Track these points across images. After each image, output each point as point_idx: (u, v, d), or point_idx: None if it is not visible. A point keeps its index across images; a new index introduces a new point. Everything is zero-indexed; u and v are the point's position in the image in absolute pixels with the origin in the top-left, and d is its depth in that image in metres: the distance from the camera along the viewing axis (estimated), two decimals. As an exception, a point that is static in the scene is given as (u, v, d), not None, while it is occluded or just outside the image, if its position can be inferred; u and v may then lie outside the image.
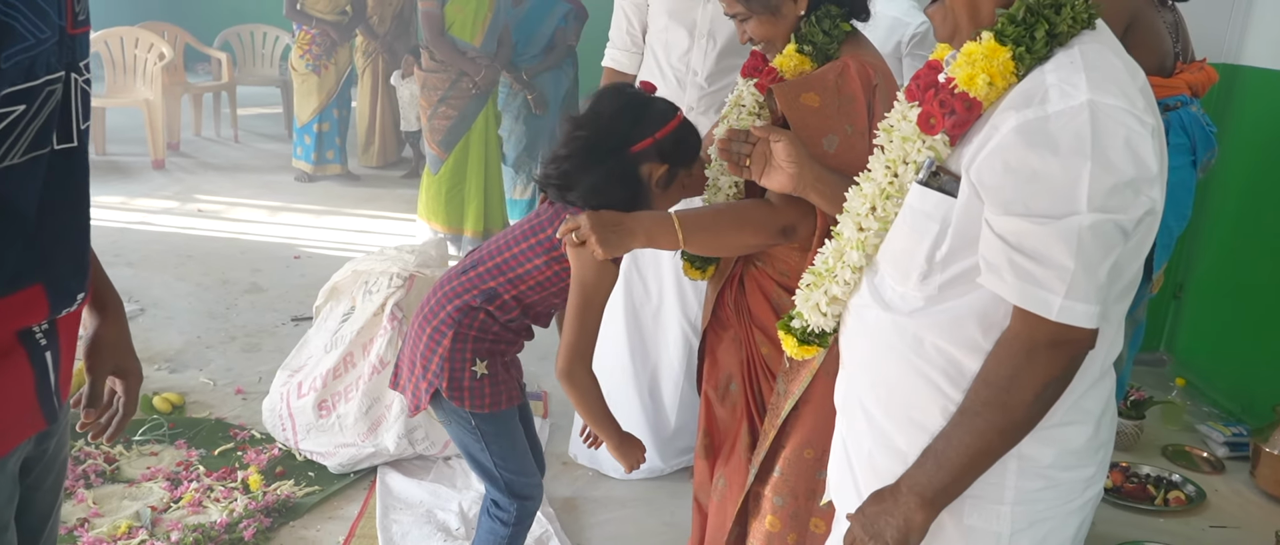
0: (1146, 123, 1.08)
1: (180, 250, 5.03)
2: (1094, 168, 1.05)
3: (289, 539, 2.55)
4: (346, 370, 2.93)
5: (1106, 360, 1.24)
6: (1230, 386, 3.67)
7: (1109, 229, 1.07)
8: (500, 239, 1.86)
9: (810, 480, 1.77)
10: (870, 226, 1.30)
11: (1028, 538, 1.24)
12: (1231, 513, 2.98)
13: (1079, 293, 1.08)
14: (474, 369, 1.82)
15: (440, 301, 1.85)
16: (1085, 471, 1.26)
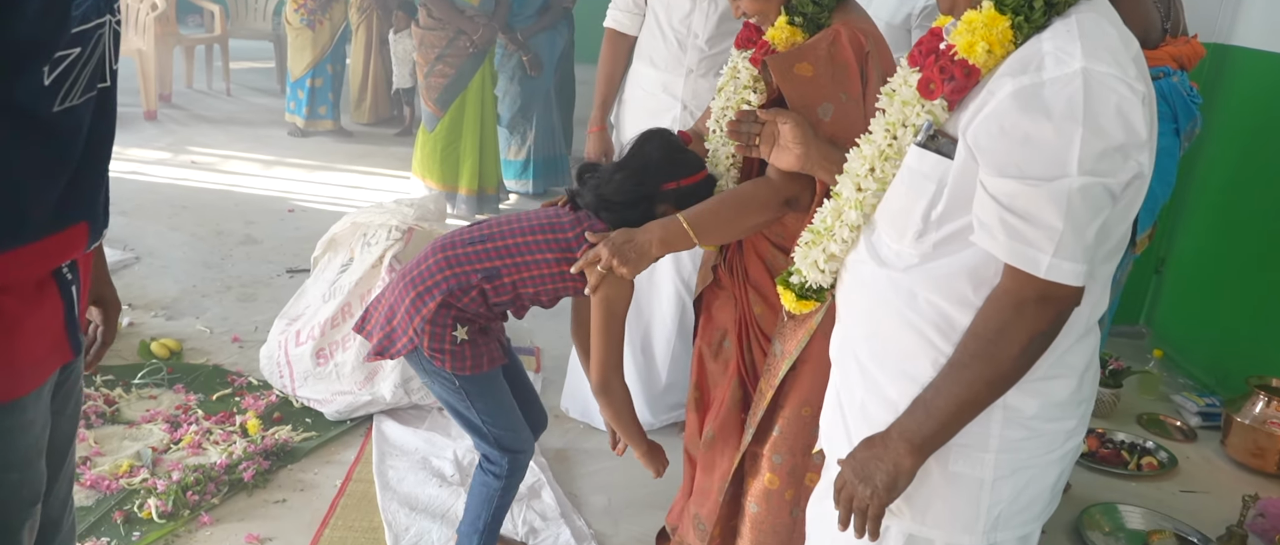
0: (1137, 90, 1.13)
1: (174, 201, 5.04)
2: (1085, 133, 1.10)
3: (287, 481, 2.61)
4: (344, 320, 2.98)
5: (1091, 318, 1.30)
6: (1206, 359, 3.77)
7: (1098, 192, 1.12)
8: (514, 223, 1.87)
9: (809, 437, 1.82)
10: (868, 187, 1.35)
11: (1010, 485, 1.30)
12: (1201, 478, 3.09)
13: (1067, 252, 1.13)
14: (454, 334, 1.85)
15: (437, 265, 1.85)
16: (1067, 424, 1.32)
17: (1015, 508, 1.32)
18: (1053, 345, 1.23)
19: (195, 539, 2.33)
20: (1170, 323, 4.03)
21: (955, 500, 1.31)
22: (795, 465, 1.85)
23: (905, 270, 1.29)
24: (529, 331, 3.79)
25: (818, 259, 1.43)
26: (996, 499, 1.30)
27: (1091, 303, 1.26)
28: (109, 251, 4.09)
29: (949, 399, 1.22)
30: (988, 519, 1.30)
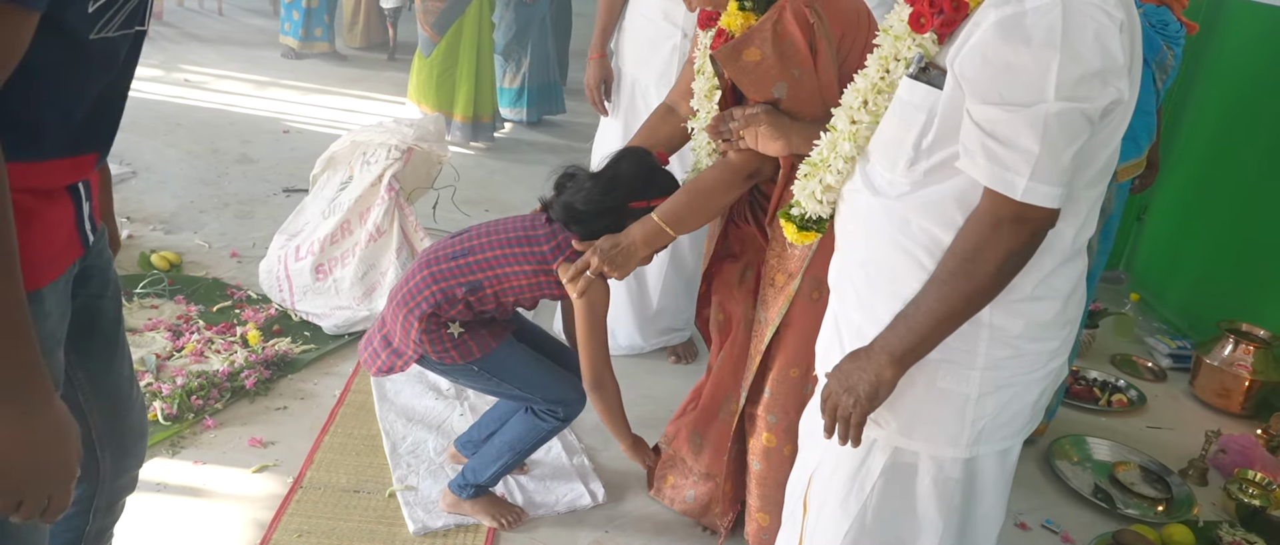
0: (1115, 17, 1.16)
1: (169, 118, 5.03)
2: (1063, 59, 1.14)
3: (288, 390, 2.69)
4: (344, 237, 3.03)
5: (1077, 241, 1.34)
6: (1180, 304, 3.88)
7: (1074, 116, 1.17)
8: (493, 234, 1.98)
9: (799, 396, 1.91)
10: (862, 119, 1.40)
11: (993, 401, 1.37)
12: (1168, 416, 3.21)
13: (1043, 175, 1.19)
14: (449, 332, 1.97)
15: (423, 282, 1.96)
16: (1050, 344, 1.38)
17: (997, 423, 1.39)
18: (1038, 267, 1.29)
19: (200, 440, 2.41)
20: (1148, 268, 4.13)
21: (941, 415, 1.38)
22: (790, 423, 1.93)
23: (898, 198, 1.34)
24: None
25: (815, 190, 1.48)
26: (980, 414, 1.36)
27: (1075, 226, 1.31)
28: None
29: (928, 314, 1.29)
30: (971, 433, 1.38)
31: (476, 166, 4.93)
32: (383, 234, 3.01)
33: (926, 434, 1.40)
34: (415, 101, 5.17)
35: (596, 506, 2.35)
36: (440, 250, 2.01)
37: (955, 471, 1.42)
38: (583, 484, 2.40)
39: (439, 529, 2.18)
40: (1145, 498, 2.68)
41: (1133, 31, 1.21)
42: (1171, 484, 2.74)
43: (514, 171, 4.95)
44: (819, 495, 1.51)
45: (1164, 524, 2.51)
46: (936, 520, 1.44)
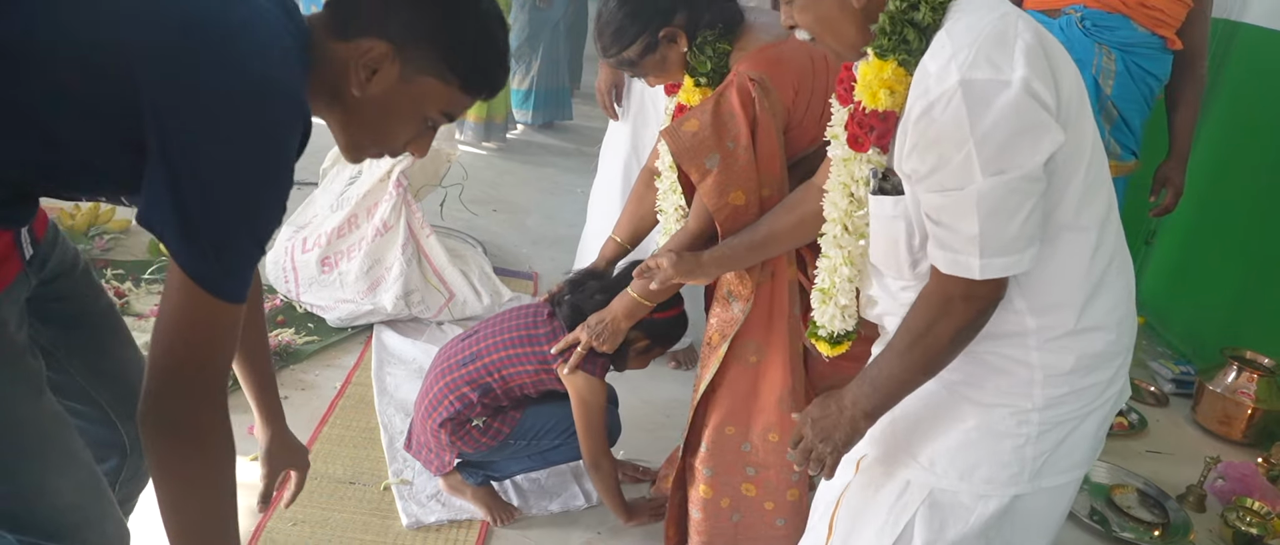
0: (1012, 83, 1.13)
1: (184, 108, 5.07)
2: (975, 142, 1.14)
3: (289, 380, 2.71)
4: (350, 230, 3.06)
5: (1095, 267, 1.30)
6: (1184, 329, 3.87)
7: (1010, 187, 1.16)
8: (497, 334, 2.12)
9: (736, 452, 1.96)
10: (847, 243, 1.44)
11: (1052, 437, 1.33)
12: (1168, 441, 3.20)
13: (993, 249, 1.19)
14: (475, 425, 2.12)
15: (441, 393, 2.11)
16: (1104, 373, 1.33)
17: (1057, 457, 1.36)
18: (1069, 302, 1.27)
19: (199, 426, 2.43)
20: (1154, 291, 4.12)
21: (996, 456, 1.34)
22: (727, 478, 1.98)
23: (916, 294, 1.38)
24: (527, 257, 3.88)
25: (834, 314, 1.52)
26: (1039, 451, 1.34)
27: (1086, 253, 1.28)
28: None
29: (889, 379, 1.32)
30: (1030, 470, 1.35)
31: (487, 166, 4.95)
32: (389, 229, 3.04)
33: (979, 476, 1.36)
34: (429, 100, 5.19)
35: (590, 507, 2.36)
36: (452, 357, 2.14)
37: (1001, 507, 1.38)
38: (577, 485, 2.41)
39: (432, 524, 2.19)
40: (1142, 522, 2.67)
41: (1049, 58, 1.19)
42: (1169, 509, 2.73)
43: (523, 173, 4.97)
44: (847, 520, 1.48)
45: (1159, 549, 2.50)
46: None
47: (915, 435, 1.39)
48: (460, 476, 2.22)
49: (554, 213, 4.41)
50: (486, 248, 3.74)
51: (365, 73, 1.10)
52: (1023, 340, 1.31)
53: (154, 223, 0.96)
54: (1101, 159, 1.29)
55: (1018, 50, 1.15)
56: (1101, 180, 1.29)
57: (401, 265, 3.02)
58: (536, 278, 3.65)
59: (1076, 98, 1.22)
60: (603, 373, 2.06)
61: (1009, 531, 1.40)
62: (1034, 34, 1.18)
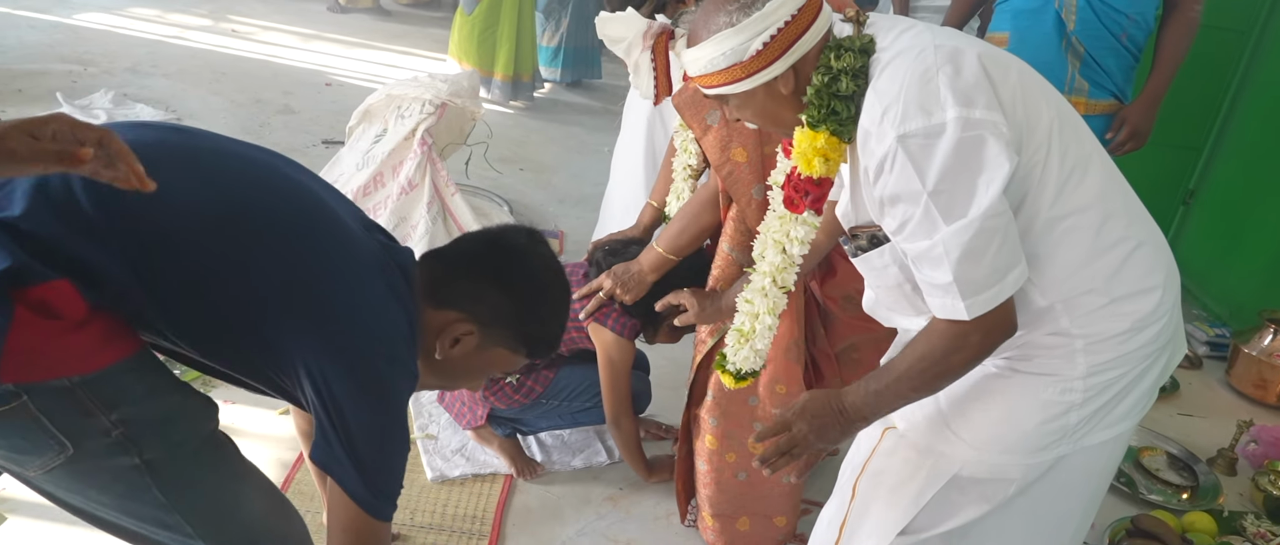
0: (947, 125, 1.14)
1: (214, 67, 5.11)
2: (930, 195, 1.15)
3: (317, 336, 2.75)
4: (376, 189, 3.07)
5: (1122, 237, 1.26)
6: (1221, 291, 3.79)
7: (974, 229, 1.15)
8: None
9: (742, 405, 1.96)
10: (774, 294, 1.51)
11: (1098, 401, 1.30)
12: (1200, 404, 3.15)
13: (972, 289, 1.18)
14: (508, 382, 2.17)
15: None
16: (1149, 333, 1.28)
17: (1103, 415, 1.33)
18: (1094, 270, 1.24)
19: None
20: (1192, 253, 4.03)
21: (1043, 426, 1.31)
22: (731, 430, 1.98)
23: None
24: (553, 216, 3.88)
25: (749, 356, 1.58)
26: (1084, 416, 1.31)
27: (1090, 231, 1.25)
28: (150, 112, 4.18)
29: (896, 396, 1.31)
30: (1076, 434, 1.32)
31: (514, 125, 4.95)
32: (415, 187, 3.05)
33: (1019, 446, 1.33)
34: (456, 58, 5.18)
35: (612, 464, 2.38)
36: None
37: (1041, 472, 1.36)
38: (599, 442, 2.43)
39: (455, 477, 2.23)
40: (1170, 484, 2.65)
41: (984, 67, 1.18)
42: (1198, 472, 2.70)
43: (550, 131, 4.96)
44: (870, 487, 1.48)
45: (1187, 511, 2.47)
46: (1004, 522, 1.40)
47: (951, 407, 1.38)
48: (489, 427, 2.26)
49: (580, 172, 4.40)
50: (512, 206, 3.75)
51: (449, 342, 1.30)
52: (1055, 321, 1.28)
53: (325, 464, 1.22)
54: (1076, 137, 1.26)
55: (943, 85, 1.15)
56: (1083, 156, 1.26)
57: (427, 223, 3.03)
58: (562, 236, 3.66)
59: (1020, 95, 1.21)
60: (631, 335, 2.07)
61: (1053, 490, 1.38)
62: (955, 54, 1.18)
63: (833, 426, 1.34)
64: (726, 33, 1.26)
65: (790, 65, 1.27)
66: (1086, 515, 1.47)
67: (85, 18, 5.68)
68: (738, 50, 1.25)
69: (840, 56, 1.24)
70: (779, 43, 1.25)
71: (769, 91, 1.29)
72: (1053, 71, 2.66)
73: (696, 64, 1.30)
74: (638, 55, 2.09)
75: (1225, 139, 3.89)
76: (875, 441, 1.49)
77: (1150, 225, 1.33)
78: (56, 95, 4.17)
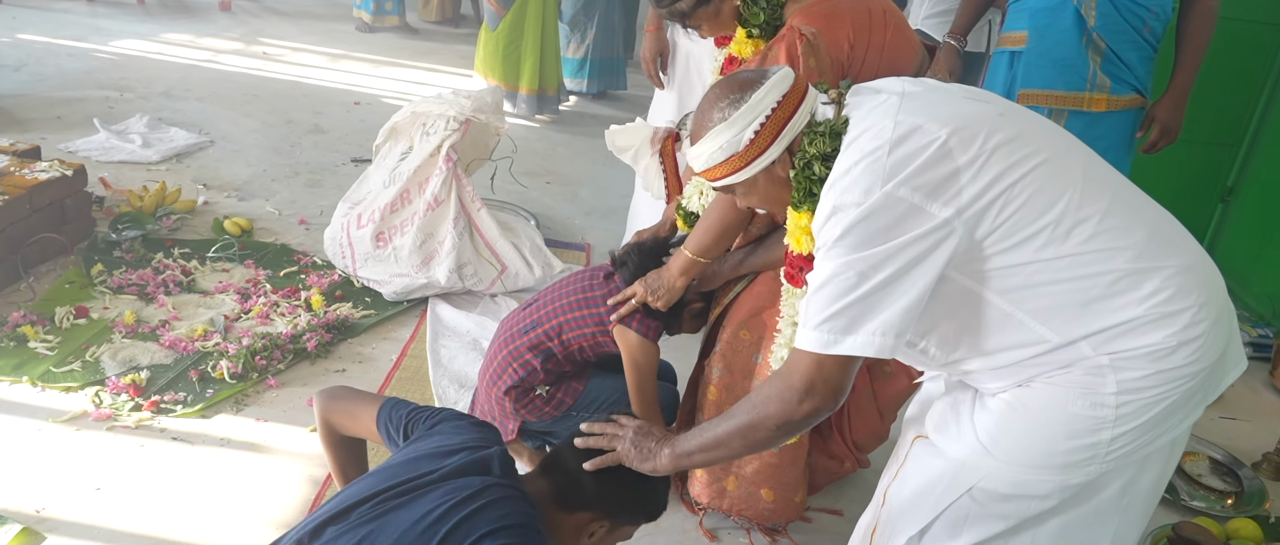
0: (873, 202, 1.20)
1: (246, 89, 5.20)
2: (838, 241, 1.23)
3: (347, 353, 2.78)
4: (403, 205, 3.10)
5: (1137, 257, 1.23)
6: (1264, 290, 3.70)
7: (862, 266, 1.22)
8: (555, 300, 2.16)
9: (746, 359, 2.00)
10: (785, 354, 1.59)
11: (1135, 420, 1.25)
12: (1242, 407, 3.08)
13: (820, 321, 1.26)
14: (538, 394, 2.16)
15: (505, 361, 2.16)
16: (1186, 351, 1.24)
17: (1143, 432, 1.28)
18: (1121, 304, 1.22)
19: (262, 399, 2.51)
20: (1232, 252, 3.94)
21: (1073, 441, 1.28)
22: (733, 382, 2.01)
23: (964, 376, 1.40)
24: (580, 229, 3.89)
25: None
26: (1119, 434, 1.27)
27: (1098, 258, 1.22)
28: (184, 135, 4.25)
29: (714, 443, 1.43)
30: (1115, 451, 1.28)
31: (540, 139, 4.97)
32: (441, 203, 3.07)
33: (1048, 462, 1.30)
34: (481, 74, 5.23)
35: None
36: (514, 326, 2.19)
37: (1076, 488, 1.32)
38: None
39: (485, 492, 2.23)
40: (1213, 490, 2.58)
41: (944, 151, 1.21)
42: (1243, 477, 2.63)
43: (576, 145, 4.98)
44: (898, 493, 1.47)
45: (1231, 518, 2.41)
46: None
47: (981, 418, 1.35)
48: (520, 441, 2.26)
49: (607, 184, 4.40)
50: (539, 220, 3.76)
51: (587, 536, 1.47)
52: (1076, 349, 1.25)
53: None
54: (1076, 163, 1.25)
55: (881, 165, 1.21)
56: (1087, 180, 1.24)
57: (453, 239, 3.05)
58: (589, 249, 3.66)
59: (1003, 154, 1.22)
60: (656, 335, 2.07)
61: (1087, 516, 1.34)
62: (909, 134, 1.22)
63: (650, 454, 1.47)
64: (720, 128, 1.36)
65: (784, 149, 1.36)
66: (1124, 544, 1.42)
67: (120, 45, 5.82)
68: (732, 142, 1.35)
69: (813, 141, 1.33)
70: (769, 130, 1.34)
71: (769, 177, 1.39)
72: (1073, 68, 2.63)
73: (698, 160, 1.41)
74: (646, 161, 2.19)
75: (1264, 135, 3.80)
76: (907, 449, 1.48)
77: (1181, 247, 1.29)
78: (94, 121, 4.26)
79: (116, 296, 2.88)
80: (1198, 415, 1.36)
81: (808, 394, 1.29)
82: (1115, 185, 1.29)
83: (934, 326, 1.32)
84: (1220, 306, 1.29)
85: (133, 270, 3.01)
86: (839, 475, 2.24)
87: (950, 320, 1.31)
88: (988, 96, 1.37)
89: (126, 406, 2.38)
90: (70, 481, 2.12)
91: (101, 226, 3.28)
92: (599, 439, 1.50)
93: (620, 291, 2.08)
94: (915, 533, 1.40)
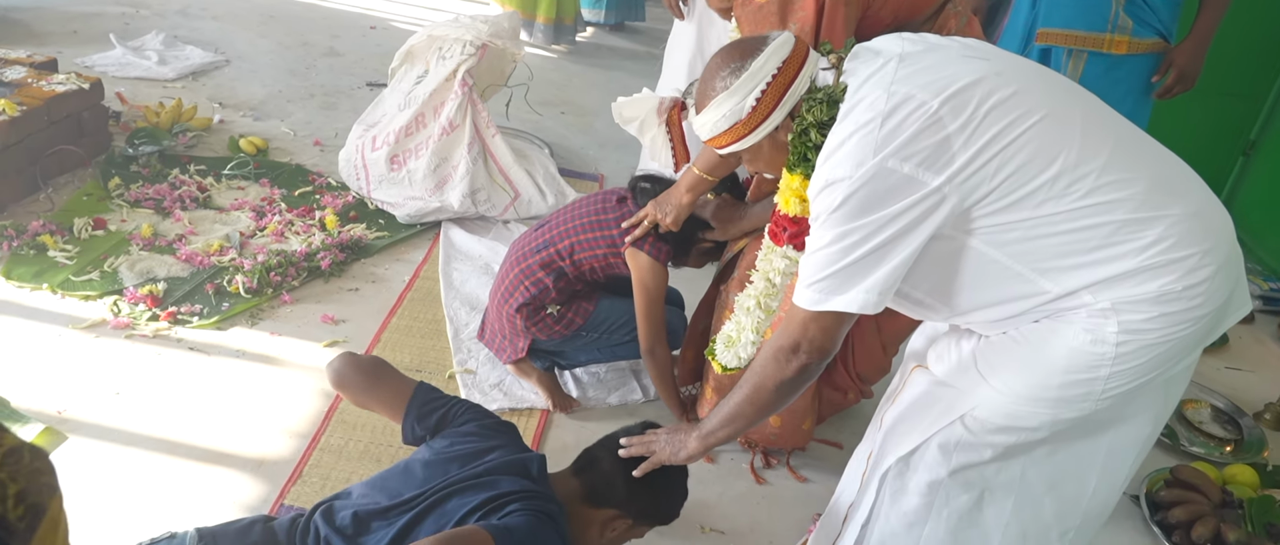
0: (864, 174, 1.22)
1: (262, 10, 5.16)
2: (834, 213, 1.24)
3: (360, 273, 2.81)
4: (418, 129, 3.10)
5: (1138, 208, 1.22)
6: (1278, 245, 3.68)
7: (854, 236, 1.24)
8: (568, 221, 2.19)
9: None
10: (758, 317, 1.68)
11: (1135, 360, 1.26)
12: (1249, 358, 3.09)
13: (816, 280, 1.30)
14: (549, 313, 2.20)
15: (517, 279, 2.19)
16: (1189, 298, 1.23)
17: (1141, 373, 1.28)
18: (1135, 249, 1.21)
19: (277, 314, 2.55)
20: (1249, 205, 3.91)
21: (1073, 374, 1.28)
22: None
23: (963, 323, 1.41)
24: (593, 159, 3.89)
25: (734, 357, 1.74)
26: (1117, 372, 1.27)
27: (1100, 207, 1.21)
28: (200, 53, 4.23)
29: (733, 414, 1.50)
30: (1110, 390, 1.28)
31: (556, 69, 4.93)
32: (455, 128, 3.07)
33: (1043, 396, 1.30)
34: (498, 1, 5.16)
35: (646, 402, 2.41)
36: (526, 245, 2.22)
37: (1061, 429, 1.33)
38: (635, 380, 2.46)
39: (494, 410, 2.27)
40: (1213, 437, 2.61)
41: (936, 120, 1.21)
42: (1243, 426, 2.65)
43: (591, 76, 4.94)
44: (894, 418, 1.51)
45: (1229, 464, 2.44)
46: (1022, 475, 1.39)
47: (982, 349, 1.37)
48: (529, 361, 2.30)
49: (622, 116, 4.38)
50: (553, 149, 3.76)
51: (611, 534, 1.60)
52: (1077, 297, 1.25)
53: None
54: (1075, 116, 1.24)
55: (873, 137, 1.22)
56: (1086, 133, 1.23)
57: (467, 164, 3.06)
58: (602, 179, 3.66)
59: (998, 115, 1.22)
60: (665, 259, 2.10)
61: (1078, 456, 1.37)
62: (902, 103, 1.22)
63: (682, 445, 1.58)
64: (722, 97, 1.39)
65: (786, 114, 1.39)
66: (1112, 488, 1.43)
67: (137, -40, 5.75)
68: (735, 110, 1.39)
69: (811, 109, 1.35)
70: (770, 96, 1.37)
71: (773, 142, 1.43)
72: (1095, 8, 2.58)
73: (704, 128, 1.44)
74: (654, 131, 2.19)
75: (1290, 88, 3.74)
76: (906, 376, 1.52)
77: (1185, 194, 1.27)
78: (110, 36, 4.25)
79: (133, 210, 2.91)
80: (1196, 357, 1.36)
81: (795, 352, 1.36)
82: (1117, 135, 1.27)
83: (926, 278, 1.33)
84: (1227, 252, 1.28)
85: (149, 185, 3.04)
86: (842, 406, 2.27)
87: (945, 274, 1.32)
88: (986, 52, 1.34)
89: (144, 316, 2.43)
90: (90, 385, 2.17)
91: (118, 141, 3.29)
92: (638, 448, 1.60)
93: (633, 215, 2.10)
94: (906, 452, 1.44)
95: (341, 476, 2.01)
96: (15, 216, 2.78)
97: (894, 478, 1.48)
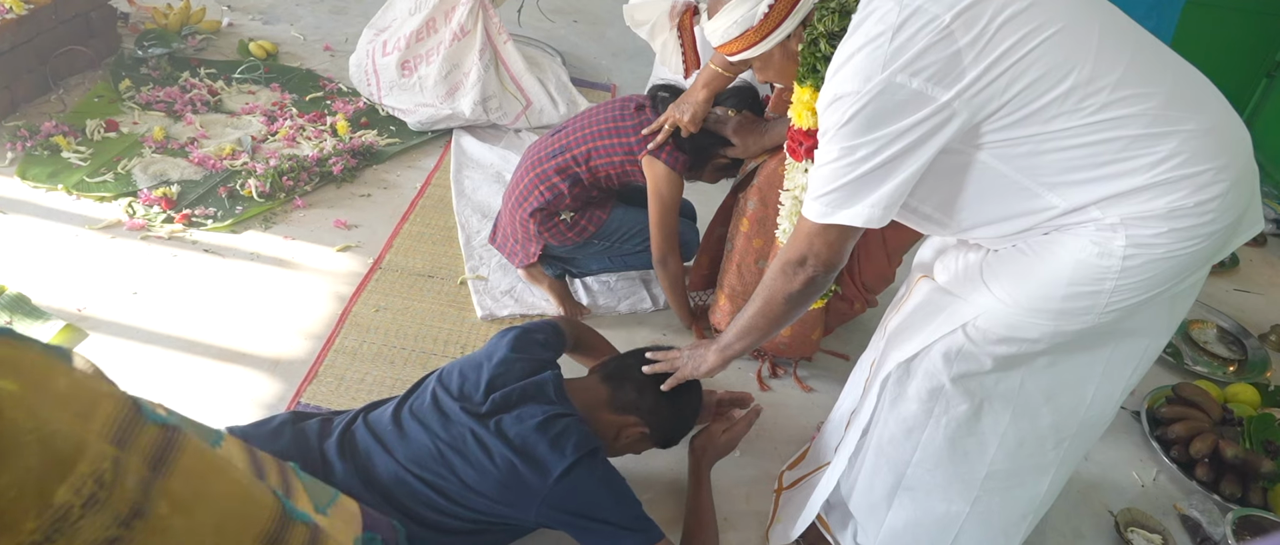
0: (872, 89, 1.19)
1: (268, -91, 5.03)
2: (842, 127, 1.23)
3: (372, 179, 2.81)
4: (429, 34, 3.05)
5: (1153, 122, 1.20)
6: (1298, 167, 3.64)
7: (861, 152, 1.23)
8: (584, 127, 2.18)
9: (775, 195, 2.01)
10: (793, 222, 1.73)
11: (1140, 274, 1.25)
12: (1258, 280, 3.09)
13: (823, 193, 1.30)
14: (562, 219, 2.20)
15: (531, 183, 2.19)
16: (1201, 213, 1.22)
17: (1145, 288, 1.26)
18: (1147, 164, 1.19)
19: (289, 218, 2.57)
20: (1270, 127, 3.85)
21: (1077, 286, 1.27)
22: (765, 216, 2.04)
23: (970, 237, 1.40)
24: (606, 69, 3.84)
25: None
26: (1121, 287, 1.26)
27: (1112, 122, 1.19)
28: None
29: (748, 328, 1.53)
30: (1114, 305, 1.28)
31: (568, -24, 4.83)
32: (466, 33, 3.03)
33: (1046, 307, 1.30)
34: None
35: (656, 310, 2.44)
36: (542, 150, 2.21)
37: (1061, 341, 1.34)
38: (645, 289, 2.48)
39: (504, 317, 2.31)
40: (1217, 357, 2.63)
41: (947, 34, 1.17)
42: (1248, 347, 2.67)
43: (606, -17, 4.83)
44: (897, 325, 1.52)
45: (1231, 383, 2.46)
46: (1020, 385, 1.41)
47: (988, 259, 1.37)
48: (541, 267, 2.32)
49: (635, 26, 4.30)
50: (565, 58, 3.71)
51: (624, 439, 1.66)
52: (1085, 212, 1.24)
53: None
54: (1092, 29, 1.21)
55: (883, 51, 1.19)
56: (1103, 46, 1.20)
57: (479, 71, 3.02)
58: (614, 90, 3.62)
59: (1010, 32, 1.18)
60: (681, 169, 2.09)
61: (1077, 369, 1.38)
62: (914, 15, 1.19)
63: (702, 359, 1.64)
64: (734, 2, 1.41)
65: (799, 23, 1.39)
66: (1110, 399, 1.45)
67: None
68: (746, 17, 1.41)
69: (822, 19, 1.36)
70: (782, 5, 1.38)
71: (784, 51, 1.44)
72: None
73: (715, 34, 1.45)
74: (665, 36, 2.16)
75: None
76: (912, 286, 1.53)
77: (1202, 108, 1.24)
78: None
79: (145, 112, 2.90)
80: (1204, 274, 1.36)
81: (801, 265, 1.38)
82: (1135, 48, 1.24)
83: (934, 192, 1.33)
84: (1242, 168, 1.26)
85: (160, 87, 3.02)
86: (849, 316, 2.29)
87: (952, 188, 1.31)
88: None
89: (159, 218, 2.45)
90: (108, 285, 2.21)
91: (127, 42, 3.26)
92: (663, 365, 1.67)
93: (648, 124, 2.09)
94: (908, 357, 1.45)
95: (356, 377, 2.05)
96: (27, 117, 2.78)
97: (894, 384, 1.50)
